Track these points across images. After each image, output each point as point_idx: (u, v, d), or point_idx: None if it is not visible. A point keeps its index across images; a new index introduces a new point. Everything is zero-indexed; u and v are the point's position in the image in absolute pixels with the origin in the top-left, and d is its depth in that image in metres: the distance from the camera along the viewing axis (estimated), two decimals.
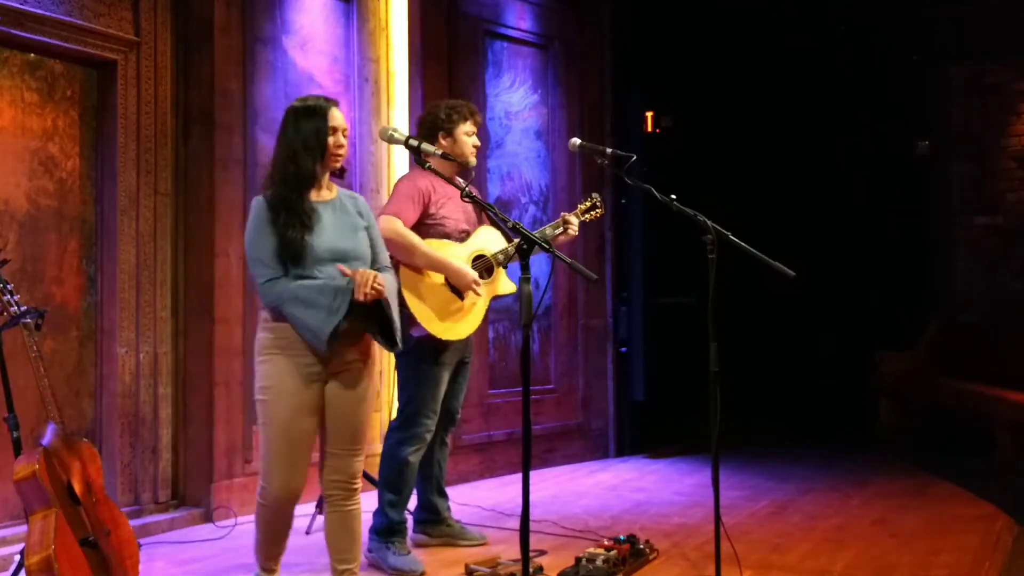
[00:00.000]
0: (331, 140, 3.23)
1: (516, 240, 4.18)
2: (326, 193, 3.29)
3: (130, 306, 4.82)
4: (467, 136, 4.28)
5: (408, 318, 4.00)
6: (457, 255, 4.12)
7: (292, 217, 3.14)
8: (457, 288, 4.08)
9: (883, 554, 4.35)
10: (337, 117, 3.26)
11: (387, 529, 4.16)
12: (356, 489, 3.30)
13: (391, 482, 4.17)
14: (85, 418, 4.77)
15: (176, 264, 5.03)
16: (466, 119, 4.29)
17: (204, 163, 5.03)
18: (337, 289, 3.09)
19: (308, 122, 3.21)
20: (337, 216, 3.25)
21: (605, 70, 7.07)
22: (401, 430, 4.19)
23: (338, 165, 3.28)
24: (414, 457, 4.18)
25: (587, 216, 4.50)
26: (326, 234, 3.18)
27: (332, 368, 3.20)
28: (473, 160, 4.32)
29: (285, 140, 3.23)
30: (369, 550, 4.14)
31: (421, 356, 4.14)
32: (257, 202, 3.21)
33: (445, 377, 4.22)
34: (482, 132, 4.57)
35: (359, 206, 3.36)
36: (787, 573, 4.08)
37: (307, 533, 4.58)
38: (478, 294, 4.09)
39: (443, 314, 4.07)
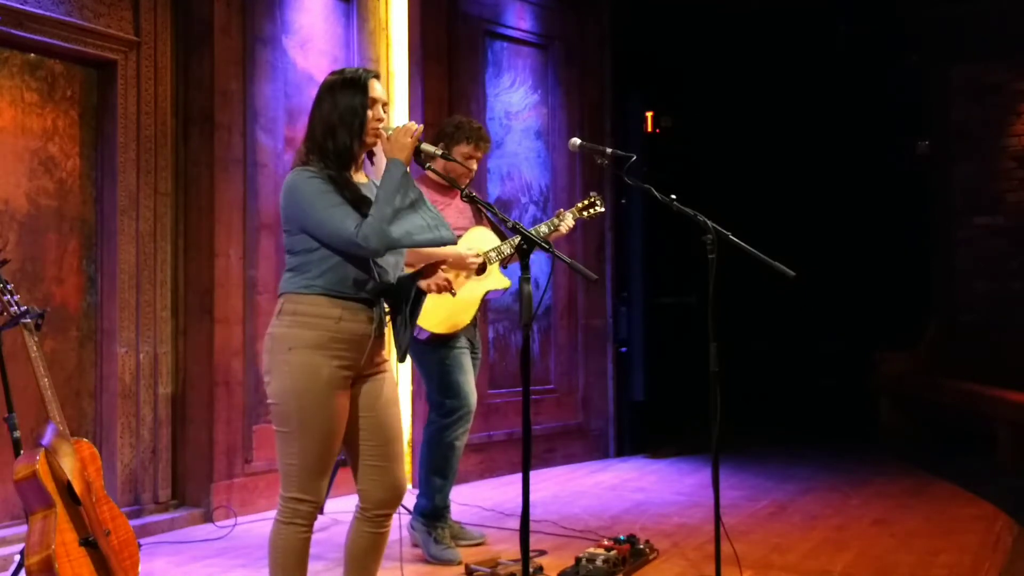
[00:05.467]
0: (370, 113, 2.91)
1: (511, 239, 4.26)
2: (361, 176, 2.99)
3: (130, 306, 4.82)
4: (463, 157, 4.32)
5: None
6: None
7: (347, 194, 2.82)
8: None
9: (883, 554, 4.36)
10: (378, 89, 2.95)
11: (432, 513, 4.31)
12: (397, 507, 2.97)
13: (439, 467, 4.32)
14: (85, 418, 4.77)
15: (176, 264, 5.04)
16: (469, 141, 4.36)
17: (204, 163, 5.03)
18: (396, 187, 2.78)
19: (347, 95, 2.89)
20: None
21: (605, 70, 7.07)
22: (445, 417, 4.32)
23: (378, 141, 2.95)
24: (460, 441, 4.34)
25: (585, 214, 4.53)
26: None
27: (364, 370, 2.87)
28: (461, 181, 4.25)
29: (321, 114, 2.90)
30: (412, 527, 4.37)
31: (436, 348, 4.29)
32: (302, 173, 2.84)
33: (467, 359, 4.36)
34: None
35: None
36: (787, 573, 4.08)
37: None
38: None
39: (439, 311, 4.17)
